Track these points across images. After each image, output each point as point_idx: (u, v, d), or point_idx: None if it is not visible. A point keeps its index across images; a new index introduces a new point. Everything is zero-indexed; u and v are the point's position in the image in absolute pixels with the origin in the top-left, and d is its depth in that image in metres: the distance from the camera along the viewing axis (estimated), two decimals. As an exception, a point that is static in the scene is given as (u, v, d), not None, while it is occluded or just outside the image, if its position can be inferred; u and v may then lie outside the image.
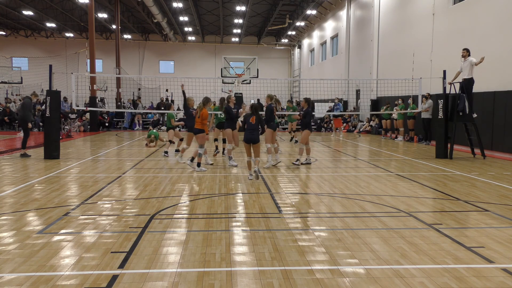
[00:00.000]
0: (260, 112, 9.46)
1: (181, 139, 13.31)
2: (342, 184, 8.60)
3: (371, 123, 23.50)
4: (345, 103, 28.88)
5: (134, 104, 28.07)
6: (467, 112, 12.58)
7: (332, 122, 23.40)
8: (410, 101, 18.13)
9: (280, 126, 24.48)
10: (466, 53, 12.60)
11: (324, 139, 19.86)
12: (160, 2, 30.15)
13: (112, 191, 7.84)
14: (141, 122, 26.21)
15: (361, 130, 23.68)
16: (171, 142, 13.30)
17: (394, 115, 19.01)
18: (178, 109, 30.83)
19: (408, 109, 17.98)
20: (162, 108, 25.90)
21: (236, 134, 11.44)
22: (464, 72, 12.60)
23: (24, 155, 12.14)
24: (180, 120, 14.20)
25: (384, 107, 20.13)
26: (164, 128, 22.96)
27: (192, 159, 10.45)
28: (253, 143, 8.95)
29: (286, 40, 44.53)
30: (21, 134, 16.29)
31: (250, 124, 9.05)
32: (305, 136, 10.96)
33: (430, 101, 16.52)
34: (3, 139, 17.81)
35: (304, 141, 11.03)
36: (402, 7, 21.37)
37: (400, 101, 18.81)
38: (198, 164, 10.03)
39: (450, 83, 13.03)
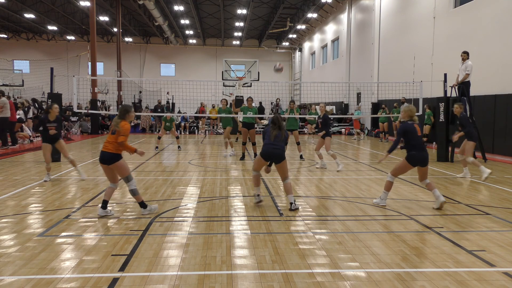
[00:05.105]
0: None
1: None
2: (343, 187, 8.60)
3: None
4: (346, 106, 28.92)
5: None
6: (468, 116, 12.56)
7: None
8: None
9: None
10: (466, 56, 12.59)
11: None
12: (161, 5, 30.22)
13: (113, 194, 7.81)
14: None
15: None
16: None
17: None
18: (179, 112, 30.93)
19: (395, 113, 18.49)
20: (159, 110, 25.92)
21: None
22: (461, 75, 12.62)
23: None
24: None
25: (381, 111, 20.27)
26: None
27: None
28: (276, 162, 6.76)
29: (287, 43, 44.61)
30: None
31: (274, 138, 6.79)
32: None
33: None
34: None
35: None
36: (403, 11, 21.41)
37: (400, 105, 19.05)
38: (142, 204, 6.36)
39: (453, 86, 13.03)
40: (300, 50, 44.51)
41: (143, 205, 6.27)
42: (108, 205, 6.24)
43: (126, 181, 6.14)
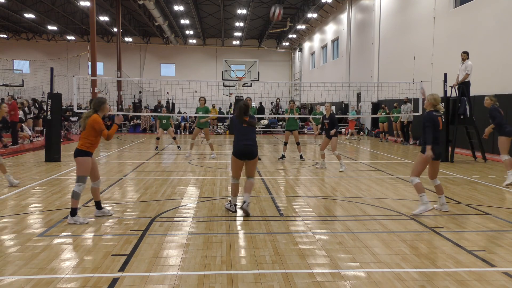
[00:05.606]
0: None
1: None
2: (343, 187, 8.59)
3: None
4: (346, 106, 28.91)
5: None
6: (468, 116, 12.59)
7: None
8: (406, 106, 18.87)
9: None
10: (465, 56, 12.59)
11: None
12: (162, 5, 30.22)
13: (113, 194, 7.83)
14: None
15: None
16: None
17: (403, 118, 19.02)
18: (179, 112, 30.95)
19: (395, 113, 18.76)
20: (159, 110, 25.89)
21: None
22: (461, 75, 12.62)
23: None
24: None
25: (381, 111, 20.31)
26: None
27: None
28: (248, 159, 6.42)
29: (287, 43, 44.60)
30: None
31: (243, 129, 6.44)
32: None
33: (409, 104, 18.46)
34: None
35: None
36: (403, 11, 21.41)
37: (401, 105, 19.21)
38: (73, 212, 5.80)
39: (453, 86, 13.03)
40: (300, 50, 44.50)
41: (73, 213, 5.74)
42: (106, 205, 6.24)
43: (76, 180, 5.83)
